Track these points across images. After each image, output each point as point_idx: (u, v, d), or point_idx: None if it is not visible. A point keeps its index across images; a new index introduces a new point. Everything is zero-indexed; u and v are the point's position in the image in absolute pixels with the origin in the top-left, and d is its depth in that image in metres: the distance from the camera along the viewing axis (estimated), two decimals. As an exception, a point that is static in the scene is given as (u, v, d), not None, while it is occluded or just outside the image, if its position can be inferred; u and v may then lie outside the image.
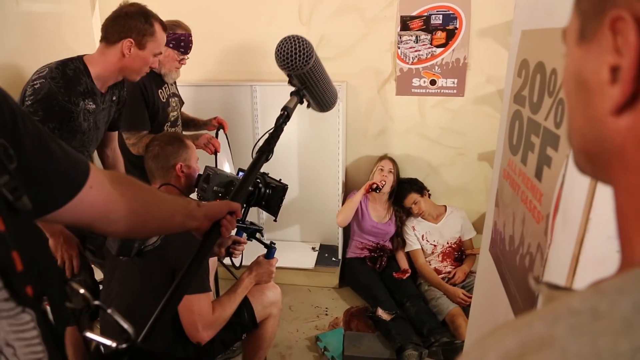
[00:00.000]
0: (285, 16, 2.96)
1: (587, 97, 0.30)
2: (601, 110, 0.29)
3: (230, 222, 1.01)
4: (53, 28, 2.59)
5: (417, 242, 2.94)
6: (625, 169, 0.29)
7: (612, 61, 0.27)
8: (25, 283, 0.51)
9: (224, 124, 2.52)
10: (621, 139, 0.28)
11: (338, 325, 2.63)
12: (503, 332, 0.27)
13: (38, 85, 1.63)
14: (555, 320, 0.25)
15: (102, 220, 0.78)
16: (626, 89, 0.27)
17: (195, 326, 1.57)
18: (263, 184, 1.70)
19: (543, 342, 0.24)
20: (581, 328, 0.24)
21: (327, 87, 1.31)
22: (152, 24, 1.77)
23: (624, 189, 0.29)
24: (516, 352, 0.25)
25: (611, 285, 0.25)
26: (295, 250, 3.21)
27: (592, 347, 0.22)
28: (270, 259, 1.81)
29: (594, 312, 0.24)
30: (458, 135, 3.02)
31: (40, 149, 0.62)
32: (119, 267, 1.63)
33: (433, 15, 2.81)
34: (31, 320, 0.52)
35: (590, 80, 0.30)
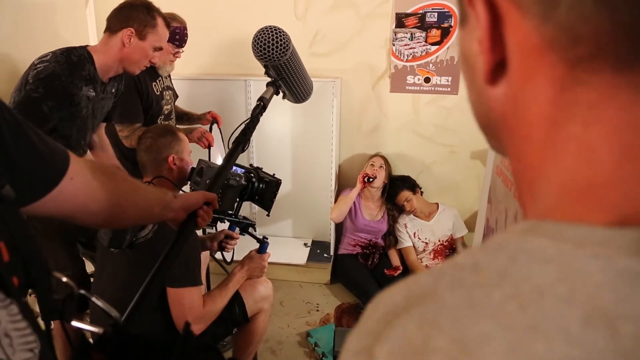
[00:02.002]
0: (280, 11, 2.95)
1: (472, 72, 0.33)
2: (481, 82, 0.31)
3: (207, 212, 1.02)
4: (46, 17, 2.56)
5: (409, 239, 2.95)
6: (510, 136, 0.31)
7: (478, 35, 0.30)
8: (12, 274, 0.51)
9: (218, 119, 2.51)
10: (501, 107, 0.31)
11: (329, 321, 2.64)
12: (395, 287, 0.28)
13: (41, 67, 1.64)
14: (440, 275, 0.26)
15: (82, 212, 0.77)
16: (487, 56, 0.29)
17: (186, 319, 1.57)
18: (256, 178, 1.70)
19: (426, 295, 0.26)
20: (460, 281, 0.25)
21: (303, 78, 1.32)
22: (154, 16, 1.80)
23: (513, 155, 0.32)
24: (402, 305, 0.26)
25: (494, 241, 0.27)
26: (287, 246, 3.21)
27: (468, 297, 0.24)
28: (263, 254, 1.81)
29: (475, 266, 0.26)
30: (451, 133, 3.03)
31: (18, 138, 0.61)
32: (110, 259, 1.62)
33: (428, 13, 2.82)
34: (18, 312, 0.51)
35: (469, 56, 0.32)
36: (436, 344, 0.23)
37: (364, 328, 0.28)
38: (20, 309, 0.51)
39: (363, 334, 0.28)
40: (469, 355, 0.22)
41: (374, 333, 0.27)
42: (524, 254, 0.25)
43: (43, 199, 0.66)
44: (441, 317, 0.24)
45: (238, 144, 1.15)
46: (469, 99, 0.36)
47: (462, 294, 0.25)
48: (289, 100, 1.36)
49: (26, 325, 0.52)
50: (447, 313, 0.24)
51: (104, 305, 0.63)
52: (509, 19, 0.28)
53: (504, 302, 0.23)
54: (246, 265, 1.78)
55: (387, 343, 0.26)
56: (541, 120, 0.28)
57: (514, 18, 0.28)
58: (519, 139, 0.30)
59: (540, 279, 0.23)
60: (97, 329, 0.62)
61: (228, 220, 1.75)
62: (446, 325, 0.24)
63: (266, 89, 1.24)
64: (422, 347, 0.24)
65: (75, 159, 0.71)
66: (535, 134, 0.29)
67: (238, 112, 3.05)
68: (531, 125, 0.29)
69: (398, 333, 0.25)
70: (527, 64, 0.28)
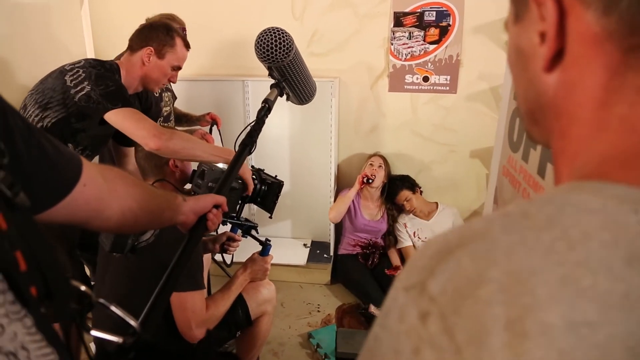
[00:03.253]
0: (278, 11, 2.93)
1: (525, 63, 0.37)
2: (536, 71, 0.35)
3: (216, 215, 1.01)
4: (42, 19, 2.54)
5: (409, 239, 2.95)
6: (557, 116, 0.35)
7: (540, 28, 0.34)
8: (30, 283, 0.50)
9: (218, 120, 2.49)
10: (552, 91, 0.35)
11: (330, 322, 2.63)
12: (449, 231, 0.31)
13: (81, 71, 1.69)
14: (491, 221, 0.29)
15: (95, 218, 0.76)
16: (551, 45, 0.33)
17: (189, 324, 1.55)
18: (258, 180, 1.69)
19: (478, 235, 0.28)
20: (511, 224, 0.28)
21: (306, 80, 1.31)
22: (173, 37, 1.85)
23: (557, 133, 0.36)
24: (455, 243, 0.29)
25: (540, 197, 0.30)
26: (286, 247, 3.19)
27: (520, 237, 0.27)
28: (265, 256, 1.80)
29: (523, 213, 0.28)
30: (450, 133, 3.03)
31: (31, 145, 0.60)
32: (112, 263, 1.60)
33: (426, 12, 2.81)
34: (32, 325, 0.50)
35: (526, 48, 0.36)
36: (490, 274, 0.26)
37: (415, 265, 0.30)
38: (36, 320, 0.50)
39: (414, 270, 0.30)
40: (522, 285, 0.25)
41: (426, 268, 0.29)
42: (570, 205, 0.27)
43: (56, 206, 0.65)
44: (495, 252, 0.27)
45: (245, 147, 1.13)
46: (517, 91, 0.41)
47: (514, 235, 0.27)
48: (292, 102, 1.35)
49: (41, 337, 0.51)
50: (501, 249, 0.27)
51: (123, 313, 0.61)
52: (573, 12, 0.32)
53: (553, 242, 0.25)
54: (249, 268, 1.77)
55: (441, 276, 0.28)
56: (591, 102, 0.32)
57: (577, 11, 0.32)
58: (567, 118, 0.34)
59: (586, 226, 0.26)
60: (116, 338, 0.61)
61: (230, 223, 1.73)
62: (500, 259, 0.26)
63: (270, 91, 1.23)
64: (477, 277, 0.26)
65: (88, 165, 0.70)
66: (583, 114, 0.33)
67: (236, 112, 3.03)
68: (580, 106, 0.33)
69: (452, 266, 0.28)
70: (585, 52, 0.32)
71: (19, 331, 0.47)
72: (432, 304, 0.27)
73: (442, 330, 0.26)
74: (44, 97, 1.69)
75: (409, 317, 0.28)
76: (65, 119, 1.68)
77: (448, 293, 0.27)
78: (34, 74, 1.85)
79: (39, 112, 1.69)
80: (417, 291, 0.28)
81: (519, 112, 0.43)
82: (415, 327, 0.27)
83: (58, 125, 1.69)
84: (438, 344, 0.26)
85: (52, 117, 1.68)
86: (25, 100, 1.76)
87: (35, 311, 0.50)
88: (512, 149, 1.20)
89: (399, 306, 0.29)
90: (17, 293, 0.47)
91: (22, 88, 2.07)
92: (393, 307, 0.30)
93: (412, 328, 0.28)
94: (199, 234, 0.97)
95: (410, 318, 0.28)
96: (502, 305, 0.24)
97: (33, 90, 1.75)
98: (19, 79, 2.31)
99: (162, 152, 1.57)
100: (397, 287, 0.30)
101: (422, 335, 0.27)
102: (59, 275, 0.53)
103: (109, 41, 3.02)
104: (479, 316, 0.25)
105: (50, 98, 1.68)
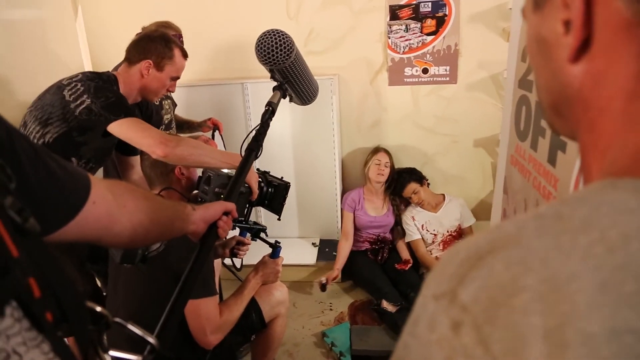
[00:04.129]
0: (272, 11, 2.92)
1: (548, 53, 0.35)
2: (560, 61, 0.34)
3: (227, 222, 1.00)
4: (37, 34, 2.53)
5: (417, 232, 2.94)
6: (584, 109, 0.34)
7: (564, 16, 0.32)
8: (44, 309, 0.49)
9: (219, 125, 2.49)
10: (578, 83, 0.33)
11: (343, 320, 2.63)
12: (478, 235, 0.30)
13: (79, 85, 1.68)
14: (523, 224, 0.28)
15: (107, 234, 0.76)
16: (578, 34, 0.32)
17: (203, 330, 1.55)
18: (265, 182, 1.68)
19: (510, 239, 0.27)
20: (545, 228, 0.27)
21: (309, 80, 1.30)
22: (171, 48, 1.84)
23: (585, 127, 0.34)
24: (486, 249, 0.28)
25: (573, 196, 0.29)
26: (295, 247, 3.19)
27: (554, 242, 0.26)
28: (276, 258, 1.79)
29: (557, 215, 0.27)
30: (452, 123, 3.01)
31: (37, 167, 0.60)
32: (123, 274, 1.59)
33: (422, 3, 2.79)
34: (50, 350, 0.49)
35: (549, 37, 0.35)
36: (525, 282, 0.25)
37: (444, 273, 0.29)
38: (53, 345, 0.49)
39: (443, 278, 0.29)
40: (558, 292, 0.23)
41: (456, 276, 0.28)
42: (606, 205, 0.26)
43: (67, 226, 0.65)
44: (529, 258, 0.25)
45: (251, 151, 1.13)
46: (539, 83, 0.39)
47: (548, 239, 0.26)
48: (295, 103, 1.34)
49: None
50: (535, 255, 0.25)
51: (140, 331, 0.61)
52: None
53: (591, 246, 0.24)
54: (260, 271, 1.76)
55: (473, 284, 0.27)
56: (622, 93, 0.31)
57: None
58: (595, 110, 0.33)
59: (625, 227, 0.24)
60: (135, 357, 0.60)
61: (239, 227, 1.73)
62: (535, 265, 0.25)
63: (273, 94, 1.22)
64: (511, 285, 0.25)
65: (96, 181, 0.70)
66: (614, 106, 0.31)
67: (237, 115, 3.03)
68: (610, 98, 0.31)
69: (484, 273, 0.26)
70: (614, 40, 0.30)
71: (37, 358, 0.47)
72: (464, 313, 0.26)
73: (477, 341, 0.25)
74: (44, 114, 1.69)
75: (440, 326, 0.27)
76: (66, 133, 1.68)
77: (481, 302, 0.26)
78: (32, 90, 1.85)
79: (39, 128, 1.69)
80: (448, 300, 0.27)
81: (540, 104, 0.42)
82: (447, 337, 0.26)
83: (60, 140, 1.68)
84: (472, 355, 0.25)
85: (53, 132, 1.68)
86: (25, 117, 1.76)
87: (52, 336, 0.49)
88: (520, 137, 1.19)
89: (428, 315, 0.28)
90: (32, 319, 0.46)
91: (21, 105, 2.06)
92: (422, 315, 0.29)
93: (443, 338, 0.27)
94: (210, 243, 0.97)
95: (442, 328, 0.27)
96: (539, 315, 0.23)
97: (32, 107, 1.75)
98: (18, 96, 2.31)
99: (169, 159, 1.57)
100: (426, 294, 0.29)
101: (455, 346, 0.26)
102: (73, 299, 0.53)
103: (105, 52, 3.02)
104: (516, 326, 0.24)
105: (50, 114, 1.68)
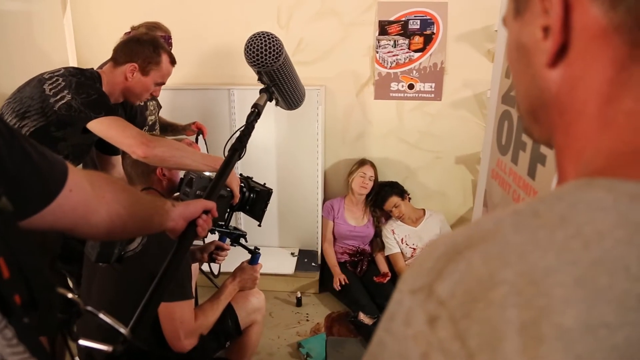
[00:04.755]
0: (263, 19, 2.94)
1: (527, 59, 0.36)
2: (539, 66, 0.35)
3: (206, 221, 0.99)
4: (23, 27, 2.50)
5: (397, 245, 2.95)
6: (561, 112, 0.35)
7: (543, 22, 0.33)
8: (13, 291, 0.47)
9: (203, 129, 2.48)
10: (556, 87, 0.34)
11: (320, 331, 2.61)
12: (455, 231, 0.30)
13: (61, 79, 1.65)
14: (500, 219, 0.28)
15: (82, 225, 0.74)
16: (556, 39, 0.33)
17: (177, 334, 1.52)
18: (247, 188, 1.67)
19: (488, 235, 0.27)
20: (522, 224, 0.27)
21: (296, 84, 1.31)
22: (159, 54, 1.81)
23: (561, 130, 0.35)
24: (464, 244, 0.28)
25: (549, 195, 0.29)
26: (274, 256, 3.16)
27: (532, 237, 0.26)
28: (255, 265, 1.78)
29: (534, 212, 0.28)
30: (436, 139, 3.05)
31: (13, 149, 0.58)
32: (98, 274, 1.56)
33: (411, 20, 2.84)
34: (14, 337, 0.47)
35: (528, 43, 0.36)
36: (503, 276, 0.25)
37: (421, 268, 0.29)
38: (17, 331, 0.48)
39: (421, 272, 0.29)
40: (535, 286, 0.24)
41: (433, 270, 0.28)
42: (582, 203, 0.27)
43: (41, 212, 0.63)
44: (506, 253, 0.26)
45: (234, 152, 1.12)
46: (518, 88, 0.40)
47: (525, 234, 0.26)
48: (281, 107, 1.35)
49: (24, 349, 0.48)
50: (512, 249, 0.26)
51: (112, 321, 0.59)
52: (578, 5, 0.31)
53: (567, 241, 0.25)
54: (238, 276, 1.74)
55: (450, 278, 0.27)
56: (596, 97, 0.32)
57: (583, 4, 0.31)
58: (571, 114, 0.34)
59: (600, 224, 0.25)
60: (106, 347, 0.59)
61: (219, 232, 1.71)
62: (512, 259, 0.25)
63: (260, 96, 1.23)
64: (488, 279, 0.25)
65: (74, 170, 0.68)
66: (589, 109, 0.32)
67: (222, 121, 3.02)
68: (585, 101, 0.32)
69: (462, 267, 0.27)
70: (591, 46, 0.31)
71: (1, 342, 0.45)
72: (441, 307, 0.26)
73: (453, 335, 0.25)
74: (22, 106, 1.66)
75: (416, 321, 0.27)
76: (44, 127, 1.65)
77: (458, 296, 0.26)
78: (14, 82, 1.81)
79: (16, 121, 1.65)
80: (425, 294, 0.27)
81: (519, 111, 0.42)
82: (424, 332, 0.26)
83: (37, 134, 1.65)
84: (449, 349, 0.25)
85: (30, 125, 1.65)
86: (2, 108, 1.73)
87: (17, 322, 0.47)
88: (501, 152, 1.21)
89: (404, 310, 0.28)
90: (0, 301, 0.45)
91: (2, 96, 2.03)
92: (398, 311, 0.29)
93: (419, 333, 0.27)
94: (188, 241, 0.96)
95: (418, 322, 0.27)
96: (516, 308, 0.24)
97: (10, 99, 1.71)
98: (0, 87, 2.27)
99: (149, 160, 1.55)
100: (402, 289, 0.29)
101: (431, 341, 0.26)
102: (44, 283, 0.51)
103: (91, 50, 2.99)
104: (492, 320, 0.24)
105: (28, 107, 1.65)
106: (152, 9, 2.86)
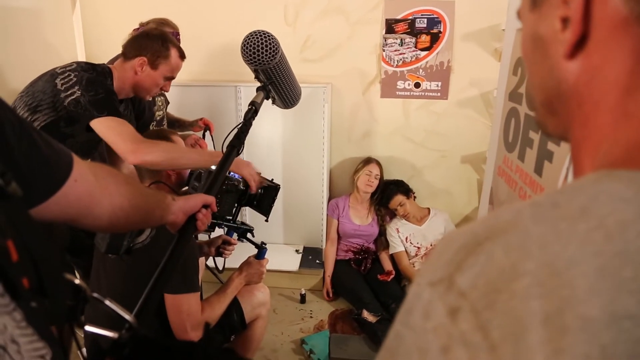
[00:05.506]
0: (270, 17, 2.95)
1: (544, 50, 0.36)
2: (557, 57, 0.35)
3: (206, 215, 1.01)
4: (33, 24, 2.52)
5: (401, 244, 2.95)
6: (579, 104, 0.34)
7: (562, 13, 0.33)
8: (21, 274, 0.48)
9: (210, 125, 2.49)
10: (574, 78, 0.34)
11: (323, 328, 2.62)
12: (473, 223, 0.30)
13: (73, 75, 1.67)
14: (519, 211, 0.28)
15: (86, 215, 0.75)
16: (576, 30, 0.32)
17: (184, 326, 1.54)
18: (255, 183, 1.68)
19: (508, 226, 0.27)
20: (542, 215, 0.27)
21: (292, 83, 1.32)
22: (168, 48, 1.83)
23: (579, 121, 0.35)
24: (483, 235, 0.28)
25: (568, 186, 0.29)
26: (278, 253, 3.17)
27: (553, 228, 0.26)
28: (261, 260, 1.79)
29: (554, 203, 0.27)
30: (441, 138, 3.06)
31: (22, 139, 0.59)
32: (107, 265, 1.58)
33: (418, 19, 2.85)
34: (23, 319, 0.48)
35: (546, 34, 0.36)
36: (525, 267, 0.25)
37: (440, 260, 0.29)
38: (26, 314, 0.48)
39: (439, 265, 0.29)
40: (558, 277, 0.24)
41: (453, 262, 0.28)
42: (603, 194, 0.27)
43: (47, 202, 0.64)
44: (528, 244, 0.26)
45: (233, 148, 1.14)
46: (532, 81, 0.40)
47: (546, 225, 0.26)
48: (277, 105, 1.36)
49: (32, 331, 0.49)
50: (534, 240, 0.26)
51: (118, 308, 0.61)
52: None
53: (590, 232, 0.25)
54: (244, 271, 1.76)
55: (471, 269, 0.27)
56: (615, 88, 0.31)
57: None
58: (590, 105, 0.34)
59: (622, 215, 0.25)
60: (112, 334, 0.60)
61: (226, 226, 1.73)
62: (534, 250, 0.25)
63: (257, 94, 1.25)
64: (510, 270, 0.25)
65: (79, 161, 0.69)
66: (608, 100, 0.32)
67: (229, 118, 3.03)
68: (604, 92, 0.32)
69: (483, 259, 0.27)
70: (610, 37, 0.31)
71: (8, 324, 0.46)
72: (462, 299, 0.26)
73: (475, 326, 0.25)
74: (34, 100, 1.68)
75: (436, 313, 0.27)
76: (54, 122, 1.67)
77: (479, 287, 0.26)
78: (25, 78, 1.83)
79: (28, 114, 1.67)
80: (445, 286, 0.27)
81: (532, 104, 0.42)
82: (444, 324, 0.26)
83: (47, 128, 1.67)
84: (470, 341, 0.25)
85: (42, 120, 1.67)
86: (14, 102, 1.75)
87: (26, 305, 0.48)
88: (508, 149, 1.21)
89: (423, 302, 0.28)
90: (7, 285, 0.45)
91: (12, 92, 2.04)
92: (416, 304, 0.28)
93: (440, 325, 0.26)
94: (188, 234, 0.97)
95: (438, 315, 0.27)
96: (539, 299, 0.23)
97: (23, 93, 1.74)
98: (10, 83, 2.29)
99: (142, 166, 1.58)
100: (420, 282, 0.29)
101: (452, 333, 0.26)
102: (52, 268, 0.51)
103: (100, 46, 3.01)
104: (515, 311, 0.24)
105: (40, 101, 1.67)
106: (160, 6, 2.88)
